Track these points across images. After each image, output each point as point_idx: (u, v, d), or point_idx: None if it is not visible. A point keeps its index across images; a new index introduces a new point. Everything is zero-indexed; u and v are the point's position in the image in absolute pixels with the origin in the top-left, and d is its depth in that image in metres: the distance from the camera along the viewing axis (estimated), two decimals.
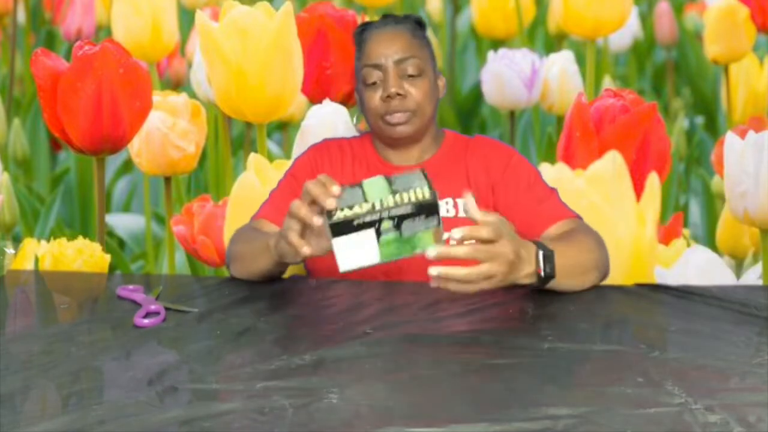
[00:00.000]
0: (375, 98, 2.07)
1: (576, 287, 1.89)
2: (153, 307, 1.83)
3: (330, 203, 1.68)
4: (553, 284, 1.86)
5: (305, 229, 1.79)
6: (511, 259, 1.73)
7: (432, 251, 1.66)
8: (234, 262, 2.03)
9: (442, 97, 2.16)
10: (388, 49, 2.07)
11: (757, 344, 1.68)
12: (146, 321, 1.79)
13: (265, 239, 1.92)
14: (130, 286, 1.95)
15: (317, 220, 1.73)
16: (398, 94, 2.05)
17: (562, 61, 3.70)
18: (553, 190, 2.05)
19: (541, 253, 1.81)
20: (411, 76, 2.07)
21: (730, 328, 1.75)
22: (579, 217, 2.02)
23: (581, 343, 1.71)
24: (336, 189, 1.70)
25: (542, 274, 1.81)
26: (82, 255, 2.22)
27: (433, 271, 1.68)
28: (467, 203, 1.71)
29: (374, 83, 2.07)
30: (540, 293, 1.88)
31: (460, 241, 1.69)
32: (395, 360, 1.62)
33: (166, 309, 1.84)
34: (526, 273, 1.79)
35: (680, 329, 1.77)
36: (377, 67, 2.07)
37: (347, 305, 1.87)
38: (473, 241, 1.70)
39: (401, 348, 1.67)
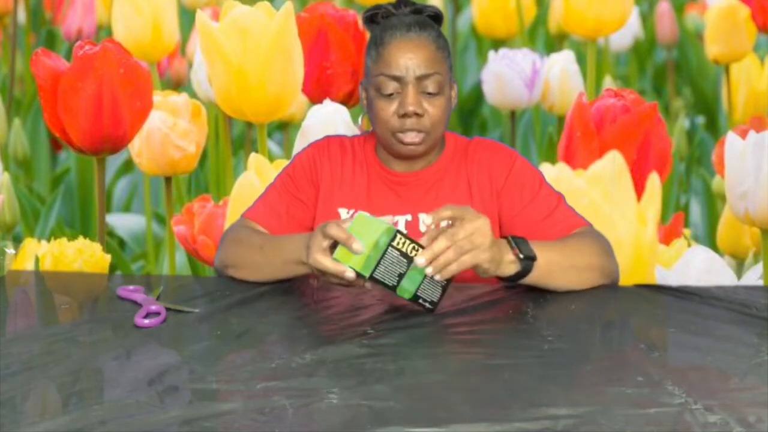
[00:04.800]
0: (389, 111, 1.97)
1: (572, 285, 1.89)
2: (153, 308, 1.83)
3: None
4: (544, 280, 1.86)
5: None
6: (483, 228, 1.77)
7: (420, 259, 1.75)
8: (238, 268, 2.00)
9: (454, 107, 2.07)
10: (411, 61, 1.95)
11: (757, 344, 1.68)
12: (147, 321, 1.79)
13: (285, 251, 1.91)
14: (131, 287, 1.95)
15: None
16: (416, 114, 1.96)
17: (563, 61, 3.70)
18: (560, 196, 2.00)
19: (510, 238, 1.84)
20: (430, 93, 1.96)
21: (730, 329, 1.75)
22: (589, 225, 1.99)
23: (581, 343, 1.71)
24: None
25: (520, 255, 1.83)
26: (82, 255, 2.22)
27: (426, 268, 1.75)
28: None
29: (390, 94, 1.97)
30: (539, 293, 1.88)
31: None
32: (395, 360, 1.62)
33: (167, 309, 1.83)
34: (509, 260, 1.82)
35: (680, 329, 1.77)
36: (396, 78, 1.96)
37: (348, 306, 1.86)
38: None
39: (401, 348, 1.67)
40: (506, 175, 2.01)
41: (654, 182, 2.10)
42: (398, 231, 1.77)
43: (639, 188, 2.10)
